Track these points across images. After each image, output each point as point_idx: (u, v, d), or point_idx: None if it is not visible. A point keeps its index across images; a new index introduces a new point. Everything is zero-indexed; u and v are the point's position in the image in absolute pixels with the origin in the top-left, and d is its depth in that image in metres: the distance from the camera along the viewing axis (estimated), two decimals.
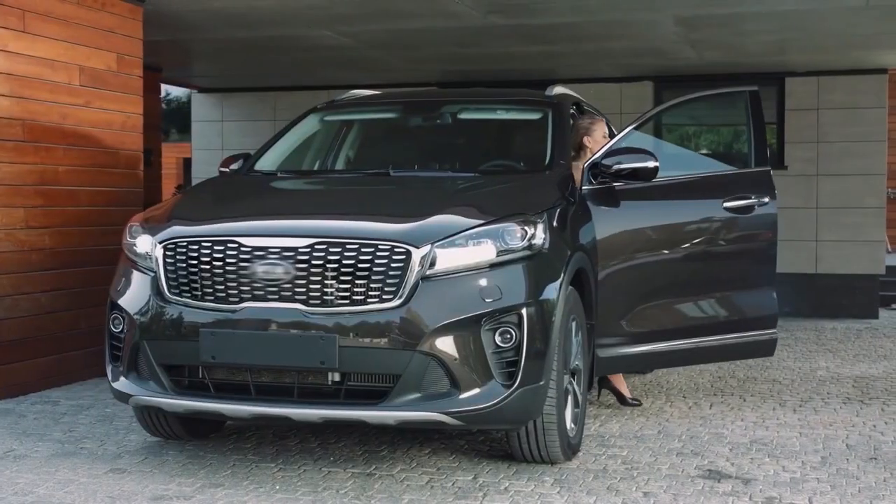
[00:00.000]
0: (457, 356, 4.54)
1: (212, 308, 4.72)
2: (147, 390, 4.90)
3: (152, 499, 4.61)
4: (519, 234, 4.74)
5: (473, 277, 4.63)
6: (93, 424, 6.07)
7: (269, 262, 4.64)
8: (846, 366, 8.25)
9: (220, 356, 4.68)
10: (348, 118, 6.72)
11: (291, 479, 4.89)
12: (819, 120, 11.82)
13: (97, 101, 7.53)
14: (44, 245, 7.09)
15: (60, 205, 7.22)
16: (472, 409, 4.57)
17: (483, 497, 4.62)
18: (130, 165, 7.90)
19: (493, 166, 6.04)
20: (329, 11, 8.36)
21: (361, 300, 4.56)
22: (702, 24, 8.92)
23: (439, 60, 11.12)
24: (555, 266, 4.90)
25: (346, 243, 4.60)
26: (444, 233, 4.65)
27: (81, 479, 4.92)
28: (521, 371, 4.62)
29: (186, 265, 4.80)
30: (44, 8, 7.00)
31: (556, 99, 6.31)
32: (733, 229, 6.26)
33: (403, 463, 5.17)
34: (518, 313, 4.63)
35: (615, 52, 10.48)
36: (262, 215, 5.09)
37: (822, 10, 8.32)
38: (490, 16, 8.58)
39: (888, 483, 4.84)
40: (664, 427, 6.00)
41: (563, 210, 5.26)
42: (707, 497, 4.63)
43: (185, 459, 5.25)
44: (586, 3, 8.09)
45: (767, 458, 5.29)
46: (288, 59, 11.01)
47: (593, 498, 4.60)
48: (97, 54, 7.52)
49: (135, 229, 5.14)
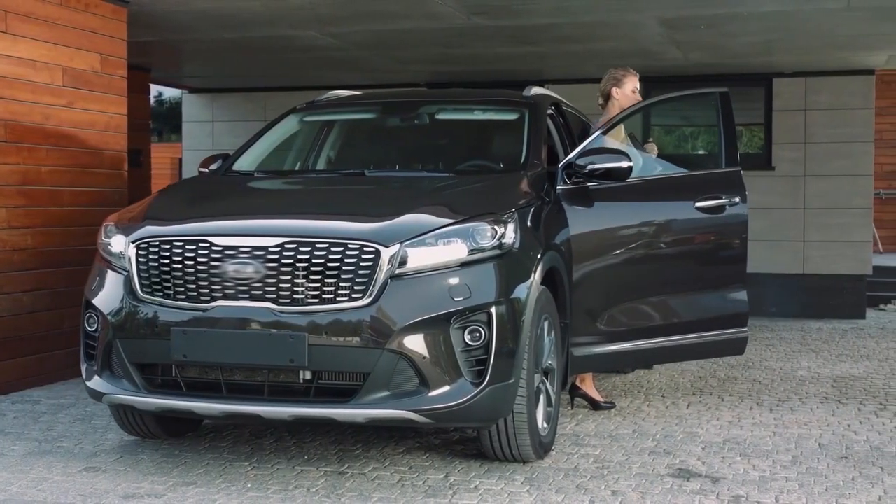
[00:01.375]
0: (425, 354, 4.57)
1: (183, 307, 4.75)
2: (120, 389, 4.93)
3: (124, 497, 4.64)
4: (489, 234, 4.77)
5: (443, 276, 4.66)
6: (71, 423, 6.10)
7: (239, 262, 4.67)
8: (827, 366, 8.27)
9: (191, 355, 4.71)
10: (327, 119, 6.75)
11: (264, 478, 4.92)
12: (806, 121, 11.85)
13: (80, 102, 7.56)
14: (26, 245, 7.12)
15: (43, 205, 7.25)
16: (440, 407, 4.60)
17: (453, 495, 4.65)
18: (114, 166, 7.93)
19: (470, 166, 6.07)
20: (314, 13, 8.38)
21: (331, 299, 4.59)
22: (686, 25, 8.95)
23: (427, 61, 11.15)
24: (525, 265, 4.93)
25: (315, 242, 4.64)
26: (414, 232, 4.69)
27: (55, 478, 4.95)
28: (490, 369, 4.65)
29: (159, 264, 4.83)
30: (26, 9, 7.03)
31: (533, 99, 6.33)
32: (705, 229, 6.34)
33: (376, 461, 5.20)
34: (487, 312, 4.66)
35: (601, 53, 10.50)
36: (234, 215, 5.12)
37: (805, 11, 8.34)
38: (474, 17, 8.61)
39: (856, 482, 4.87)
40: (639, 426, 6.03)
41: (536, 209, 5.28)
42: (675, 495, 4.66)
43: (160, 458, 5.28)
44: (568, 5, 8.12)
45: (739, 458, 5.32)
46: (277, 60, 11.03)
47: (562, 496, 4.63)
48: (80, 55, 7.55)
49: (109, 229, 5.17)
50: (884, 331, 10.67)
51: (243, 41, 9.78)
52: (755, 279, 11.46)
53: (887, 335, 10.28)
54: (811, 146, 11.84)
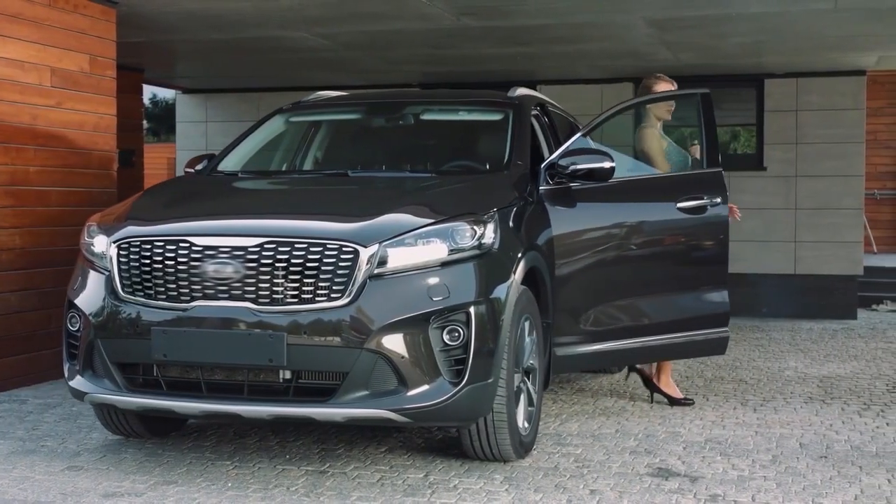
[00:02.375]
0: (404, 354, 4.60)
1: (164, 307, 4.77)
2: (101, 388, 4.96)
3: (104, 496, 4.66)
4: (468, 234, 4.80)
5: (422, 276, 4.69)
6: (56, 423, 6.13)
7: (219, 262, 4.70)
8: (815, 366, 8.29)
9: (171, 354, 4.74)
10: (313, 119, 6.78)
11: (245, 477, 4.94)
12: (798, 121, 11.87)
13: (69, 102, 7.58)
14: (14, 245, 7.14)
15: (31, 205, 7.28)
16: (419, 406, 4.62)
17: (431, 494, 4.67)
18: (103, 166, 7.96)
19: (454, 166, 6.10)
20: (301, 13, 8.41)
21: (310, 299, 4.62)
22: (673, 26, 8.97)
23: (418, 62, 11.17)
24: (505, 265, 4.95)
25: (294, 242, 4.66)
26: (393, 232, 4.71)
27: (37, 477, 4.97)
28: (468, 369, 4.67)
29: (140, 264, 4.86)
30: (14, 10, 7.06)
31: (517, 100, 6.36)
32: (686, 229, 6.38)
33: (358, 461, 5.22)
34: (466, 312, 4.68)
35: (592, 54, 10.53)
36: (214, 215, 5.13)
37: (792, 12, 8.36)
38: (463, 18, 8.63)
39: (833, 481, 4.89)
40: (622, 426, 6.05)
41: (517, 210, 5.31)
42: (653, 494, 4.68)
43: (143, 457, 5.30)
44: (555, 6, 8.14)
45: (719, 457, 5.34)
46: (268, 61, 11.06)
47: (540, 495, 4.65)
48: (69, 56, 7.57)
49: (92, 229, 5.20)
50: (874, 331, 10.69)
51: (233, 42, 9.81)
52: (747, 279, 11.52)
53: (877, 335, 10.31)
54: (803, 147, 11.86)
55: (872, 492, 4.73)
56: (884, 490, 4.76)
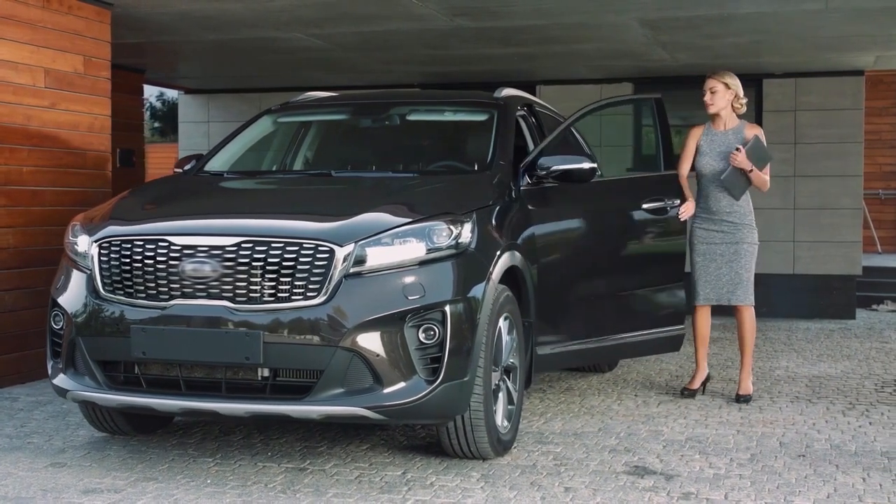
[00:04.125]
0: (378, 352, 4.64)
1: (143, 305, 4.83)
2: (82, 385, 5.02)
3: (84, 492, 4.72)
4: (445, 233, 4.84)
5: (398, 275, 4.73)
6: (45, 420, 6.19)
7: (197, 261, 4.75)
8: (806, 366, 8.30)
9: (150, 352, 4.79)
10: (301, 119, 6.84)
11: (224, 474, 4.99)
12: (797, 121, 11.87)
13: (63, 103, 7.65)
14: (7, 244, 7.21)
15: (24, 204, 7.35)
16: (394, 403, 4.67)
17: (407, 491, 4.72)
18: (98, 166, 8.02)
19: (438, 167, 6.15)
20: (294, 14, 8.45)
21: (286, 297, 4.67)
22: (666, 26, 8.99)
23: (416, 62, 11.21)
24: (482, 265, 4.99)
25: (271, 242, 4.71)
26: (369, 231, 4.76)
27: (20, 473, 5.03)
28: (444, 367, 4.71)
29: (120, 263, 4.92)
30: (6, 11, 7.12)
31: (503, 101, 6.40)
32: (649, 229, 6.77)
33: (338, 458, 5.27)
34: (441, 310, 4.73)
35: (589, 54, 10.55)
36: (194, 215, 5.19)
37: (783, 13, 8.37)
38: (457, 18, 8.67)
39: (808, 480, 4.92)
40: (606, 425, 6.08)
41: (497, 209, 5.35)
42: (626, 492, 4.71)
43: (127, 454, 5.36)
44: (547, 7, 8.17)
45: (698, 455, 5.37)
46: (267, 61, 11.11)
47: (514, 493, 4.69)
48: (63, 57, 7.64)
49: (76, 229, 5.27)
50: (871, 331, 10.69)
51: (229, 42, 9.87)
52: None
53: (873, 336, 10.30)
54: (801, 147, 11.86)
55: (846, 490, 4.75)
56: (857, 489, 4.78)
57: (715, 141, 6.77)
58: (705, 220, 6.74)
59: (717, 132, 6.81)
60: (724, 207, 6.68)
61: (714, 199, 6.70)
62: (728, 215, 6.67)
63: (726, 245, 6.67)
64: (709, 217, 6.73)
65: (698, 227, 6.76)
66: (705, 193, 6.77)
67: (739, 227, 6.68)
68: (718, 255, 6.68)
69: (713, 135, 6.80)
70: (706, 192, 6.76)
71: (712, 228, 6.71)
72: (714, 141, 6.77)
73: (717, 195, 6.69)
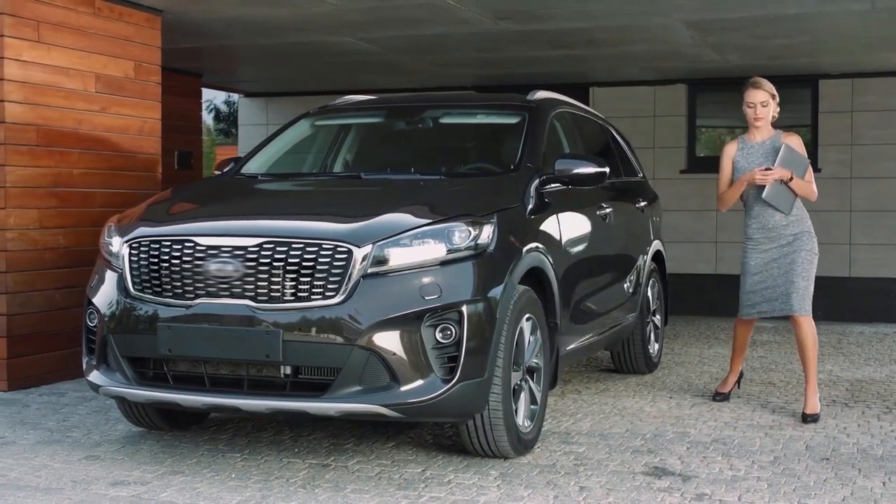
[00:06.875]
0: (395, 351, 4.73)
1: (170, 304, 4.98)
2: (114, 381, 5.18)
3: (112, 484, 4.88)
4: (465, 234, 4.92)
5: (416, 276, 4.82)
6: (87, 415, 6.39)
7: (221, 261, 4.89)
8: (851, 369, 8.21)
9: (175, 349, 4.94)
10: (337, 123, 6.96)
11: (249, 469, 5.12)
12: (853, 122, 11.71)
13: (113, 107, 7.87)
14: (58, 244, 7.44)
15: (74, 206, 7.58)
16: (410, 401, 4.75)
17: (424, 488, 4.80)
18: (147, 168, 8.24)
19: (469, 169, 6.24)
20: (341, 19, 8.59)
21: (306, 297, 4.78)
22: (712, 28, 8.96)
23: (469, 65, 11.29)
24: (502, 266, 5.06)
25: (291, 242, 4.83)
26: (388, 232, 4.85)
27: (55, 465, 5.22)
28: (460, 366, 4.78)
29: (148, 263, 5.08)
30: (58, 19, 7.36)
31: (535, 103, 6.45)
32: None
33: (362, 455, 5.37)
34: (458, 311, 4.80)
35: (638, 56, 10.54)
36: (219, 216, 5.33)
37: (829, 13, 8.30)
38: (501, 22, 8.73)
39: (827, 483, 4.90)
40: (634, 426, 6.10)
41: (522, 211, 5.42)
42: (640, 492, 4.74)
43: (159, 449, 5.52)
44: (590, 9, 8.20)
45: (720, 457, 5.37)
46: (321, 65, 11.28)
47: (529, 491, 4.75)
48: (114, 62, 7.86)
49: (110, 229, 5.44)
50: None
51: (281, 47, 10.04)
52: None
53: None
54: (858, 148, 11.70)
55: (863, 494, 4.73)
56: (875, 493, 4.75)
57: (752, 153, 6.44)
58: (761, 240, 6.42)
59: (752, 144, 6.47)
60: (780, 221, 6.36)
61: (767, 215, 6.38)
62: (785, 227, 6.36)
63: (783, 256, 6.36)
64: (766, 236, 6.40)
65: (753, 248, 6.44)
66: (755, 213, 6.43)
67: (798, 235, 6.36)
68: (774, 266, 6.38)
69: (749, 148, 6.47)
70: (756, 211, 6.42)
71: (771, 247, 6.40)
72: (751, 154, 6.44)
73: (769, 211, 6.36)
